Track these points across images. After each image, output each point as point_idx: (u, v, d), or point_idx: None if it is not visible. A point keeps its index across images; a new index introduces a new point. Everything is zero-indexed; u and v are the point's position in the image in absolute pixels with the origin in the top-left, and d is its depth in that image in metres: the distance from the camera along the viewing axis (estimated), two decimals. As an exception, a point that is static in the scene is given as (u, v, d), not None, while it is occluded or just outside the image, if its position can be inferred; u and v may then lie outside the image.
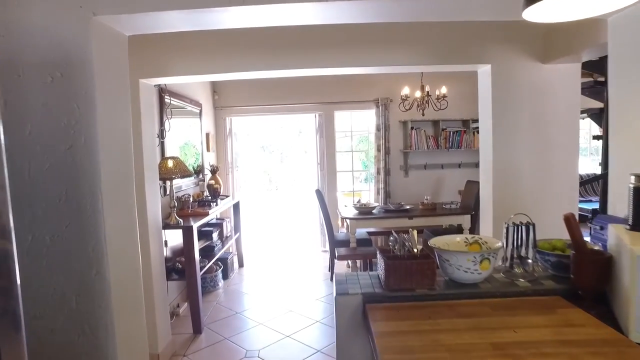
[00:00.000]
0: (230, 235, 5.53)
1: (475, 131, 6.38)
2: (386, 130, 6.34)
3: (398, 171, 6.54)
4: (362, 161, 17.60)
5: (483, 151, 3.31)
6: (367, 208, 5.17)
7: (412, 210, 5.15)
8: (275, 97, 6.33)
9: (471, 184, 5.50)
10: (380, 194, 6.39)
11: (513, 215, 1.82)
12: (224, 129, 6.36)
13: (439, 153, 6.53)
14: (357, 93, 6.41)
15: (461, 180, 6.56)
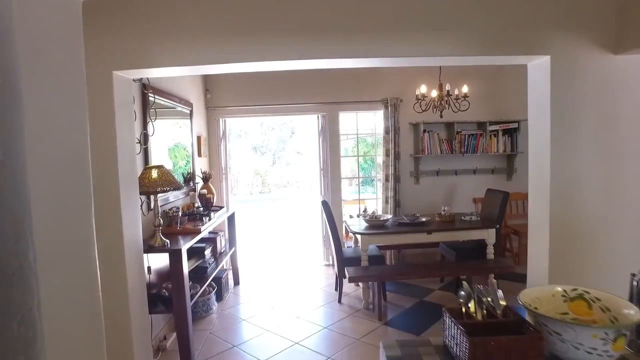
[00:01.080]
0: (224, 250, 4.93)
1: (493, 134, 5.85)
2: (396, 133, 5.79)
3: (408, 178, 5.99)
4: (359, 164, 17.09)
5: (535, 160, 2.78)
6: (378, 221, 4.61)
7: (429, 224, 4.60)
8: (273, 96, 5.75)
9: (493, 193, 4.96)
10: (390, 202, 5.84)
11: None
12: (217, 131, 5.76)
13: (452, 158, 5.99)
14: (363, 92, 5.85)
15: (476, 187, 6.03)
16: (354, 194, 7.41)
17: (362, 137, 7.39)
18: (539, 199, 2.71)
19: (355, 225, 4.74)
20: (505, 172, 6.12)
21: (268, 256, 6.81)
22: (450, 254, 4.75)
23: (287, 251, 7.12)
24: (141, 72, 2.68)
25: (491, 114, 5.95)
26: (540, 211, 2.68)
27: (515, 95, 6.09)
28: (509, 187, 5.98)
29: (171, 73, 2.88)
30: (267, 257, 6.72)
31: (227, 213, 4.91)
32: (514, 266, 4.04)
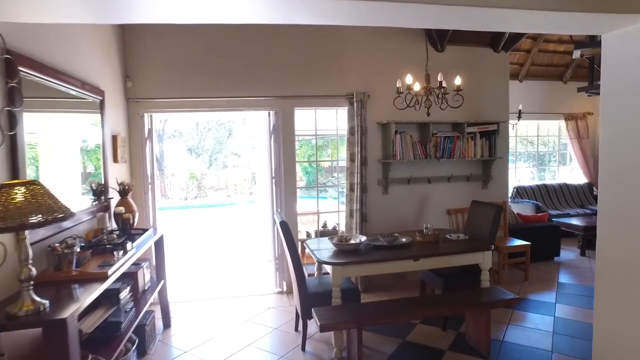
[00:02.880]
0: (149, 287, 3.74)
1: (470, 137, 5.15)
2: (362, 134, 4.90)
3: (376, 187, 5.13)
4: (302, 167, 16.07)
5: (613, 158, 2.01)
6: (350, 245, 3.68)
7: (412, 246, 3.74)
8: (214, 88, 4.62)
9: (481, 206, 4.22)
10: (355, 216, 4.93)
11: None
12: (141, 129, 4.52)
13: (426, 164, 5.22)
14: (325, 85, 4.90)
15: (451, 197, 5.31)
16: (309, 205, 6.43)
17: (305, 139, 6.45)
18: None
19: (317, 247, 3.77)
20: (481, 179, 5.46)
21: (207, 283, 5.63)
22: (436, 281, 3.93)
23: (231, 275, 5.98)
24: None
25: (468, 114, 5.26)
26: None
27: (494, 95, 5.46)
28: (485, 197, 5.34)
29: (49, 17, 1.77)
30: (205, 284, 5.54)
31: (154, 236, 3.72)
32: (520, 297, 3.29)
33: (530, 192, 7.87)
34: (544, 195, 7.95)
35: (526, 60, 7.70)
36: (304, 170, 15.99)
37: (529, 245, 5.18)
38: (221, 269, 6.20)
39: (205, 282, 5.56)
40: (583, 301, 4.56)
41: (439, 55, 5.15)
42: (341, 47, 4.94)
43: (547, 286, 5.05)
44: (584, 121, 8.38)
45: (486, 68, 5.37)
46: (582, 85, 8.49)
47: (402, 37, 5.08)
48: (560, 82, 8.29)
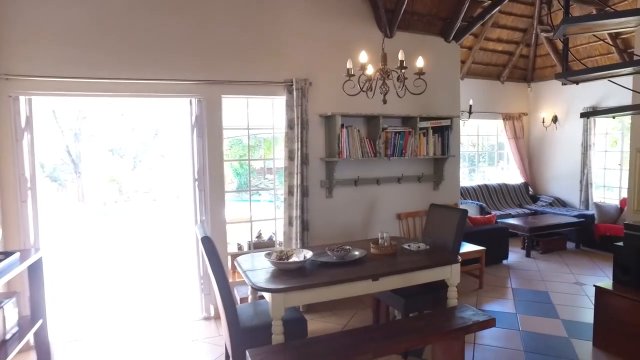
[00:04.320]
0: (17, 332, 2.71)
1: (422, 133, 4.64)
2: (303, 128, 4.18)
3: (319, 189, 4.44)
4: (233, 169, 15.00)
5: None
6: (292, 263, 2.93)
7: (367, 262, 3.09)
8: (119, 67, 3.65)
9: (441, 211, 3.68)
10: (295, 224, 4.20)
11: None
12: (13, 116, 3.43)
13: (375, 163, 4.63)
14: (259, 70, 4.13)
15: (402, 200, 4.77)
16: (241, 212, 5.57)
17: (236, 139, 5.60)
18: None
19: (252, 266, 3.00)
20: (433, 180, 4.98)
21: (114, 310, 4.59)
22: (394, 301, 3.30)
23: (147, 298, 4.97)
24: None
25: (420, 107, 4.75)
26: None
27: (446, 87, 5.01)
28: (437, 198, 4.87)
29: None
30: (112, 313, 4.50)
31: (27, 260, 2.70)
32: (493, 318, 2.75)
33: (473, 192, 7.65)
34: (486, 195, 7.79)
35: (468, 58, 7.47)
36: (235, 171, 14.98)
37: (483, 250, 4.79)
38: (135, 290, 5.15)
39: (113, 309, 4.51)
40: (542, 309, 4.23)
41: (389, 41, 4.59)
42: (278, 25, 4.20)
43: (503, 294, 4.68)
44: (520, 121, 8.37)
45: (437, 58, 4.91)
46: (520, 85, 8.54)
47: (348, 18, 4.46)
48: (498, 81, 8.20)
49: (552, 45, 7.66)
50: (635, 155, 3.67)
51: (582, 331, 3.75)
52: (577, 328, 3.82)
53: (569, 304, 4.39)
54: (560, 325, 3.88)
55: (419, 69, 3.02)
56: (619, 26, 2.72)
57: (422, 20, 4.80)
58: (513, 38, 7.72)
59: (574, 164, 7.72)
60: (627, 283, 3.45)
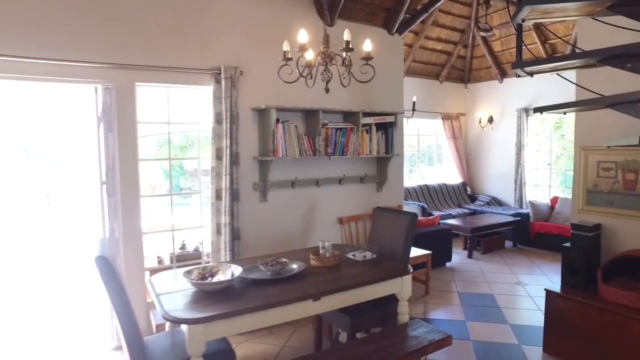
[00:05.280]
0: None
1: (365, 130, 4.30)
2: (233, 123, 3.67)
3: (251, 192, 3.94)
4: (163, 170, 13.84)
5: None
6: (215, 284, 2.43)
7: (307, 277, 2.66)
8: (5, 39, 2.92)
9: (387, 215, 3.34)
10: (224, 233, 3.67)
11: None
12: None
13: (314, 162, 4.21)
14: (181, 55, 3.55)
15: (343, 203, 4.41)
16: (165, 219, 4.89)
17: (164, 137, 4.96)
18: None
19: (169, 287, 2.46)
20: (376, 180, 4.67)
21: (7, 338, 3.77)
22: (339, 320, 2.90)
23: (47, 326, 4.18)
24: None
25: (363, 102, 4.41)
26: None
27: (389, 81, 4.71)
28: (380, 200, 4.56)
29: None
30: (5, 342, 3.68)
31: None
32: (449, 335, 2.44)
33: (414, 193, 7.51)
34: (426, 196, 7.68)
35: (409, 55, 7.32)
36: (165, 173, 13.88)
37: (430, 254, 4.54)
38: (34, 315, 4.32)
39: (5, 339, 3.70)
40: (490, 314, 4.05)
41: (330, 30, 4.18)
42: (206, 4, 3.65)
43: (450, 299, 4.47)
44: (458, 121, 8.39)
45: (381, 50, 4.58)
46: (458, 85, 8.56)
47: (285, 2, 4.01)
48: (437, 81, 8.15)
49: (488, 47, 7.73)
50: (580, 154, 3.56)
51: (531, 336, 3.59)
52: (526, 333, 3.66)
53: (515, 307, 4.25)
54: (509, 331, 3.70)
55: (366, 54, 2.64)
56: (582, 12, 2.51)
57: (364, 10, 4.47)
58: (451, 38, 7.70)
59: (508, 163, 7.85)
60: (575, 285, 3.32)
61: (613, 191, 3.37)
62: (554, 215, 6.68)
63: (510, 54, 7.59)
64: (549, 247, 6.42)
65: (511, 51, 7.52)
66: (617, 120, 3.32)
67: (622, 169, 3.34)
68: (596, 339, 3.07)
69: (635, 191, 3.27)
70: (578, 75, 3.51)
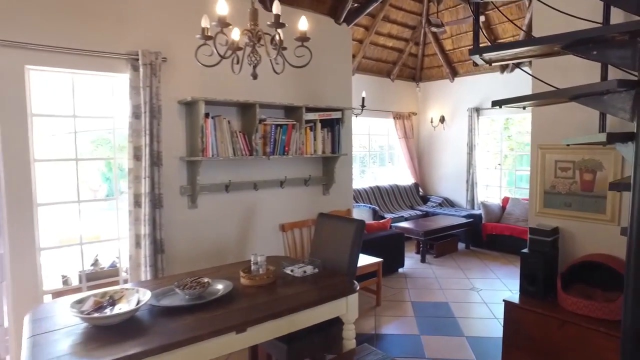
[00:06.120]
0: None
1: (309, 127, 3.89)
2: (154, 117, 3.14)
3: (178, 198, 3.41)
4: (102, 172, 12.76)
5: None
6: (112, 317, 1.91)
7: (233, 300, 2.20)
8: None
9: (332, 222, 2.93)
10: (144, 245, 3.12)
11: None
12: None
13: (251, 163, 3.75)
14: (90, 34, 2.97)
15: (285, 207, 3.99)
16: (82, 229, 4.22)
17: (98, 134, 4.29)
18: None
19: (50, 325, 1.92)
20: (322, 182, 4.27)
21: None
22: (274, 348, 2.45)
23: None
24: None
25: (306, 96, 4.00)
26: None
27: (336, 74, 4.33)
28: (328, 204, 4.17)
29: None
30: None
31: None
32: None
33: (365, 195, 7.20)
34: (378, 198, 7.40)
35: (359, 51, 7.00)
36: (103, 176, 12.81)
37: (380, 262, 4.20)
38: None
39: None
40: (445, 326, 3.75)
41: (269, 15, 3.74)
42: (115, -23, 3.09)
43: (403, 310, 4.14)
44: (410, 121, 8.20)
45: (327, 41, 4.22)
46: (409, 84, 8.37)
47: (214, -20, 3.52)
48: (388, 79, 7.91)
49: (440, 45, 7.57)
50: (537, 153, 3.33)
51: (489, 350, 3.33)
52: (484, 347, 3.38)
53: (470, 316, 3.99)
54: (466, 345, 3.42)
55: (301, 34, 2.22)
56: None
57: (308, -5, 4.08)
58: (403, 35, 7.48)
59: (460, 163, 7.73)
60: (534, 294, 3.08)
61: (571, 192, 3.16)
62: (505, 216, 6.58)
63: (461, 53, 7.47)
64: (501, 248, 6.31)
65: (462, 50, 7.41)
66: (575, 117, 3.12)
67: (579, 168, 3.13)
68: (557, 353, 2.82)
69: (592, 192, 3.07)
70: (532, 70, 3.28)
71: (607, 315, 2.70)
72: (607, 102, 2.00)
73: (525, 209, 6.32)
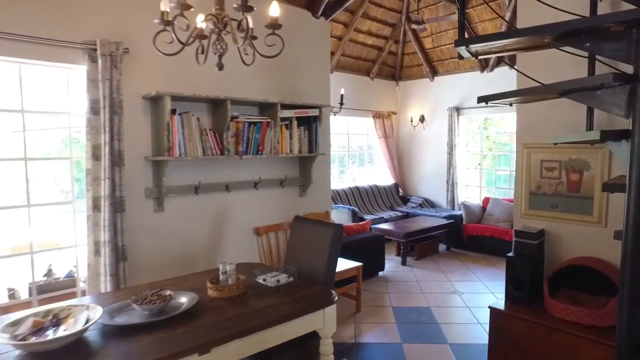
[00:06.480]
0: None
1: (284, 125, 3.68)
2: (114, 113, 2.87)
3: (143, 201, 3.15)
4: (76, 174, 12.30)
5: None
6: (50, 342, 1.67)
7: (199, 317, 1.97)
8: None
9: (308, 226, 2.73)
10: (104, 254, 2.85)
11: None
12: None
13: (223, 163, 3.51)
14: (37, 20, 2.69)
15: (260, 210, 3.77)
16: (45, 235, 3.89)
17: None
18: None
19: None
20: (299, 184, 4.06)
21: None
22: (243, 368, 2.23)
23: None
24: None
25: (282, 92, 3.79)
26: None
27: (313, 70, 4.13)
28: (305, 206, 3.97)
29: None
30: None
31: None
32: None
33: (344, 196, 7.02)
34: (357, 198, 7.23)
35: (338, 49, 6.82)
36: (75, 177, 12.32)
37: (360, 266, 4.02)
38: None
39: None
40: (427, 333, 3.60)
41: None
42: (70, -41, 2.82)
43: (383, 316, 3.97)
44: (390, 120, 8.07)
45: (304, 35, 4.02)
46: (389, 83, 8.23)
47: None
48: (368, 78, 7.75)
49: (420, 43, 7.46)
50: (522, 152, 3.20)
51: (474, 359, 3.18)
52: (468, 355, 3.25)
53: (453, 321, 3.85)
54: (449, 353, 3.27)
55: (272, 20, 2.01)
56: None
57: (283, -14, 3.86)
58: (382, 32, 7.34)
59: (440, 163, 7.64)
60: (521, 300, 2.95)
61: (557, 193, 3.04)
62: (486, 217, 6.51)
63: (441, 51, 7.38)
64: (482, 249, 6.23)
65: (442, 48, 7.31)
66: (561, 115, 3.00)
67: (566, 168, 3.01)
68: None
69: (579, 193, 2.96)
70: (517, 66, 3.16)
71: (597, 322, 2.58)
72: (601, 97, 1.86)
73: (506, 209, 6.26)
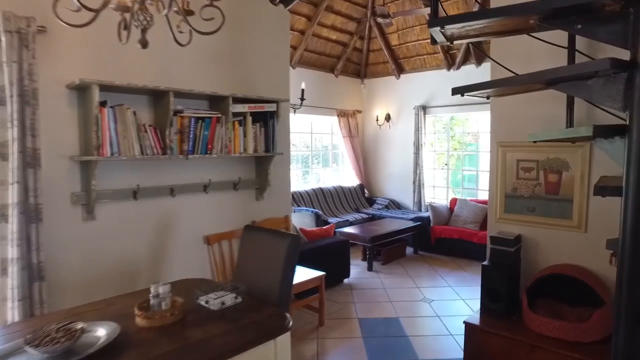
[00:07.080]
0: None
1: (237, 121, 3.28)
2: (26, 104, 2.39)
3: (68, 207, 2.67)
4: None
5: None
6: None
7: (120, 355, 1.56)
8: None
9: (260, 236, 2.36)
10: (12, 273, 2.36)
11: None
12: None
13: (166, 164, 3.07)
14: None
15: (211, 216, 3.36)
16: None
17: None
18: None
19: None
20: (255, 186, 3.67)
21: None
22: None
23: None
24: None
25: (235, 84, 3.39)
26: None
27: (270, 61, 3.75)
28: (262, 211, 3.60)
29: None
30: None
31: None
32: None
33: (307, 198, 6.68)
34: (321, 200, 6.90)
35: (300, 43, 6.47)
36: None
37: (323, 276, 3.67)
38: None
39: None
40: (395, 348, 3.30)
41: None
42: None
43: (349, 330, 3.65)
44: (355, 119, 7.79)
45: (261, 23, 3.63)
46: (354, 80, 7.94)
47: None
48: (332, 75, 7.44)
49: (385, 40, 7.22)
50: (497, 151, 2.96)
51: (447, 379, 2.90)
52: (440, 374, 2.96)
53: (424, 333, 3.58)
54: (420, 373, 2.98)
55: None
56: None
57: (236, -33, 3.47)
58: (347, 27, 7.04)
59: (407, 164, 7.43)
60: (497, 312, 2.69)
61: (534, 195, 2.81)
62: (453, 218, 6.33)
63: (407, 48, 7.17)
64: (450, 252, 6.04)
65: (408, 45, 7.10)
66: (538, 111, 2.77)
67: (544, 168, 2.79)
68: (526, 384, 2.44)
69: (558, 195, 2.74)
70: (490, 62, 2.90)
71: (581, 338, 2.34)
72: (592, 88, 1.59)
73: (474, 210, 6.10)
